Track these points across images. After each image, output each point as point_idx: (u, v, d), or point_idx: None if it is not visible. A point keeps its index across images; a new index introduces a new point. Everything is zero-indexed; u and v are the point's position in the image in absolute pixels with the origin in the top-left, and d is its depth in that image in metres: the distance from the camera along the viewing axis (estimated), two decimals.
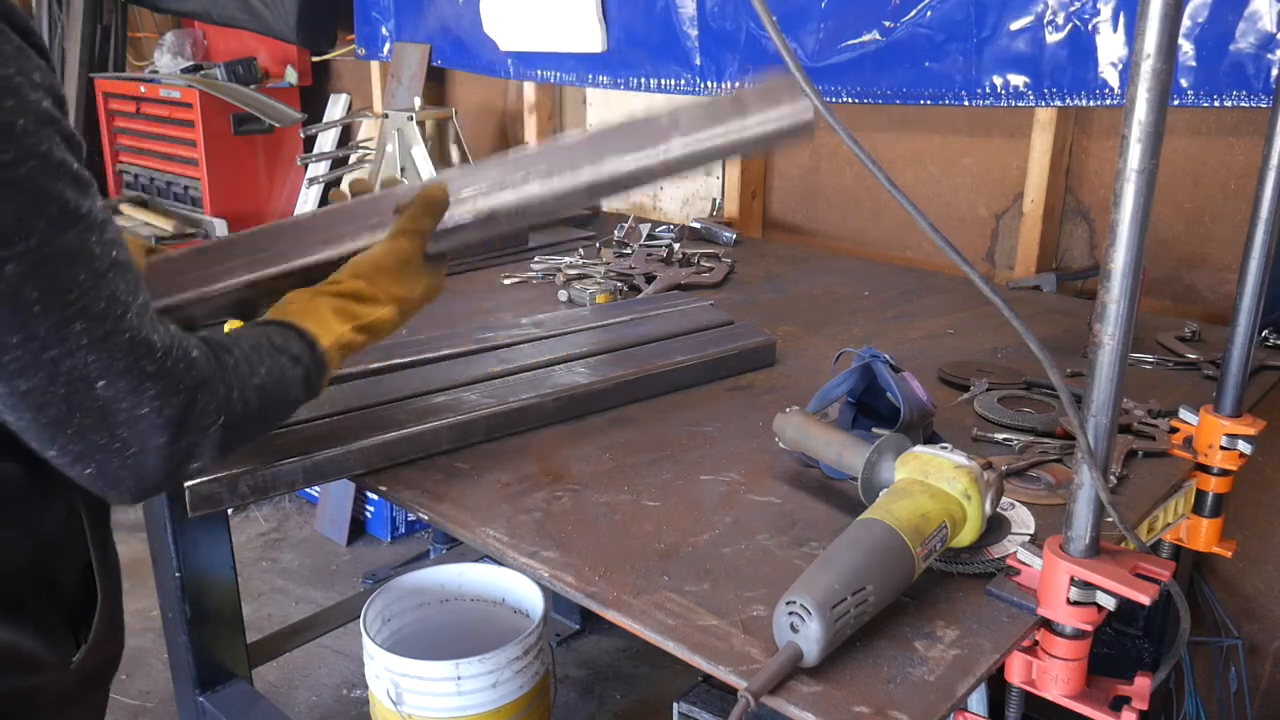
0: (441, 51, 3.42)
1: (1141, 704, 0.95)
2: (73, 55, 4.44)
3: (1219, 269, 2.13)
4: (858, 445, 1.14)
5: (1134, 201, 0.82)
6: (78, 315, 0.75)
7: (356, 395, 1.39)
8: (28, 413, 0.76)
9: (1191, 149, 2.11)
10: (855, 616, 0.89)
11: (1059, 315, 1.99)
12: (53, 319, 0.73)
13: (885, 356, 1.29)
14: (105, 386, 0.77)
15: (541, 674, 1.98)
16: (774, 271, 2.31)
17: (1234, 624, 2.16)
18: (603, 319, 1.76)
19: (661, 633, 0.96)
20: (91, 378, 0.76)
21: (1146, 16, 0.77)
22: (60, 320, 0.74)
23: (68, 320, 0.74)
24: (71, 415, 0.77)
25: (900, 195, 0.85)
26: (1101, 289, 0.86)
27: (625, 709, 2.57)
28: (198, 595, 1.81)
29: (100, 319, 0.76)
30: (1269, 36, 1.82)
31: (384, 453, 1.28)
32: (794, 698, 0.86)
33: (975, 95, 2.21)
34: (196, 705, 1.92)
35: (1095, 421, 0.89)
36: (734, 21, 2.58)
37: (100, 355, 0.76)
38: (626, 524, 1.16)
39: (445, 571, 2.17)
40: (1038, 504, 1.19)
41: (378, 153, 3.08)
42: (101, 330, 0.76)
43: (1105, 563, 0.93)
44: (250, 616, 2.47)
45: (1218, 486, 1.38)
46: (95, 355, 0.76)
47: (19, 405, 0.76)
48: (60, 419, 0.77)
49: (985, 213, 2.47)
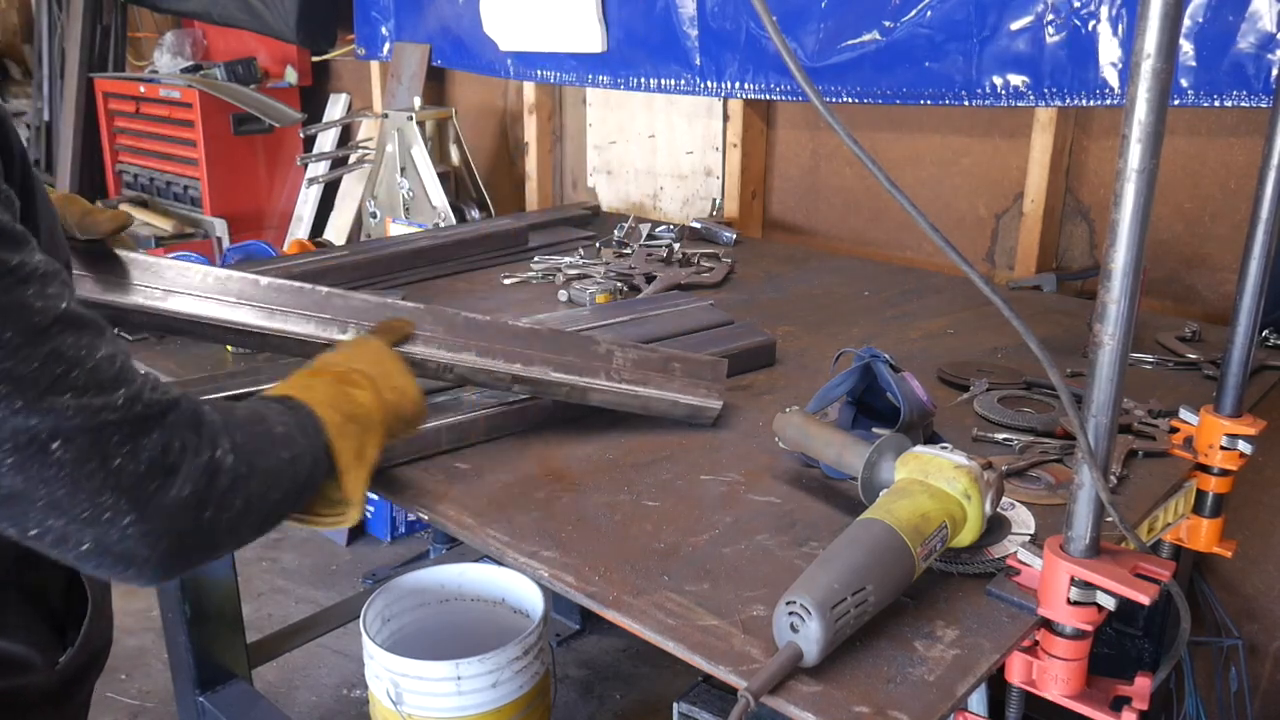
0: (441, 51, 3.43)
1: (1141, 704, 0.95)
2: (72, 55, 4.45)
3: (1219, 269, 2.13)
4: (858, 445, 1.14)
5: (1134, 201, 0.82)
6: (4, 377, 0.68)
7: None
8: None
9: (1191, 149, 2.11)
10: (855, 616, 0.89)
11: (1059, 315, 1.99)
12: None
13: (885, 356, 1.29)
14: (62, 448, 0.70)
15: (541, 674, 1.98)
16: (774, 271, 2.31)
17: (1234, 624, 2.16)
18: (603, 319, 1.75)
19: (661, 633, 0.96)
20: (41, 439, 0.69)
21: (1146, 16, 0.77)
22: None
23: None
24: (31, 486, 0.70)
25: (900, 195, 0.85)
26: (1101, 289, 0.86)
27: (625, 709, 2.57)
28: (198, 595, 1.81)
29: (32, 381, 0.69)
30: (1269, 36, 1.82)
31: (384, 453, 1.28)
32: (794, 698, 0.86)
33: (975, 95, 2.21)
34: (196, 705, 1.92)
35: (1095, 421, 0.88)
36: (734, 21, 2.58)
37: (42, 416, 0.69)
38: (626, 524, 1.16)
39: (445, 571, 2.17)
40: (1038, 504, 1.19)
41: (378, 153, 3.08)
42: (35, 391, 0.69)
43: (1105, 563, 0.93)
44: (250, 616, 2.47)
45: (1218, 486, 1.38)
46: (37, 417, 0.69)
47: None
48: (18, 492, 0.70)
49: (985, 213, 2.47)
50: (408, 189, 3.01)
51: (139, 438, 0.74)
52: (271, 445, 0.90)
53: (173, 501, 0.76)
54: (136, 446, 0.74)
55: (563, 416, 1.43)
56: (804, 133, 2.78)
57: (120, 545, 0.75)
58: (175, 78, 4.08)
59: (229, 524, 0.83)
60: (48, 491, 0.71)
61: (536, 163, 3.38)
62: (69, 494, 0.71)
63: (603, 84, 2.94)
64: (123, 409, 0.74)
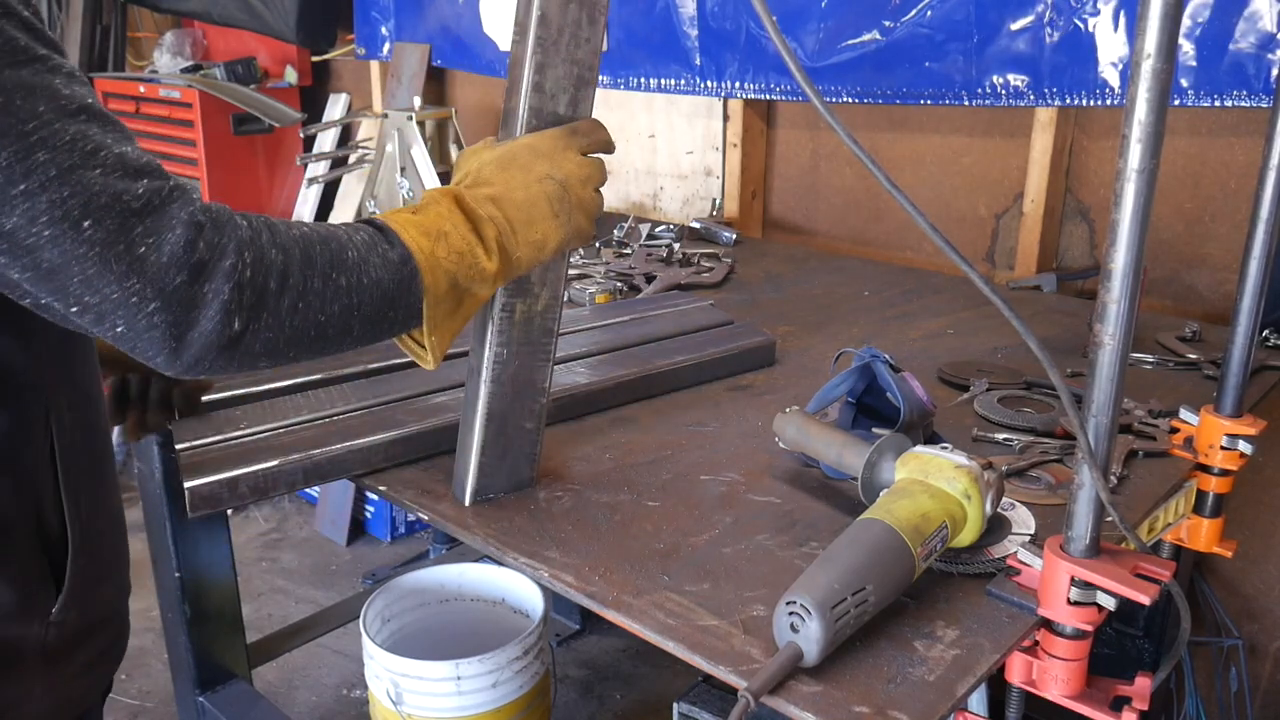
0: (441, 51, 3.42)
1: (1142, 704, 0.95)
2: (72, 55, 4.44)
3: (1219, 269, 2.13)
4: (858, 445, 1.14)
5: (1134, 201, 0.82)
6: (39, 145, 0.72)
7: (356, 395, 1.39)
8: (24, 257, 0.73)
9: (1191, 149, 2.11)
10: (855, 616, 0.89)
11: (1059, 315, 1.99)
12: (11, 147, 0.71)
13: (885, 356, 1.29)
14: (92, 227, 0.74)
15: (541, 674, 1.98)
16: (774, 271, 2.31)
17: (1234, 624, 2.16)
18: (603, 319, 1.75)
19: (661, 633, 0.96)
20: (75, 216, 0.73)
21: (1146, 16, 0.77)
22: (21, 149, 0.71)
23: (29, 150, 0.71)
24: (68, 261, 0.74)
25: (900, 195, 0.85)
26: (1102, 289, 0.85)
27: (625, 709, 2.57)
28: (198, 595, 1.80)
29: (66, 150, 0.73)
30: (1269, 36, 1.82)
31: (384, 453, 1.28)
32: (794, 698, 0.86)
33: (975, 95, 2.21)
34: (196, 705, 1.92)
35: (1096, 421, 0.88)
36: (734, 21, 2.58)
37: (74, 189, 0.73)
38: (626, 524, 1.16)
39: (445, 571, 2.17)
40: (1038, 504, 1.19)
41: (377, 152, 3.08)
42: (69, 161, 0.73)
43: (1105, 563, 0.93)
44: (250, 616, 2.47)
45: (1218, 486, 1.38)
46: (69, 189, 0.73)
47: (14, 251, 0.73)
48: (58, 265, 0.74)
49: (985, 213, 2.47)
50: (408, 189, 3.01)
51: (162, 231, 0.77)
52: (331, 268, 0.88)
53: (196, 296, 0.79)
54: (160, 239, 0.77)
55: (563, 417, 1.43)
56: (804, 133, 2.78)
57: (148, 333, 0.78)
58: (175, 78, 4.08)
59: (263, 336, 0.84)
60: (80, 269, 0.74)
61: None
62: (99, 273, 0.75)
63: (603, 84, 2.93)
64: (144, 198, 0.77)
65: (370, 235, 0.93)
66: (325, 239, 0.89)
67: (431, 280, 0.95)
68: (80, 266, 0.74)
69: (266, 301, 0.83)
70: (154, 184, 0.78)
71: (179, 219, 0.78)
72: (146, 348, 0.79)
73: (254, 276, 0.82)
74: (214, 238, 0.80)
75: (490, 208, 1.00)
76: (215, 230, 0.80)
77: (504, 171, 1.03)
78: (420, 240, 0.95)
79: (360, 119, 3.72)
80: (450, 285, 0.97)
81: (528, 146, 1.04)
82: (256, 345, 0.84)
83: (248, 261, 0.81)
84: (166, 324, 0.78)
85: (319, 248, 0.88)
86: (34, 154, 0.72)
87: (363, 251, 0.91)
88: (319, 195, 4.05)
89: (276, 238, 0.85)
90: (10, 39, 0.73)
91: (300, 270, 0.86)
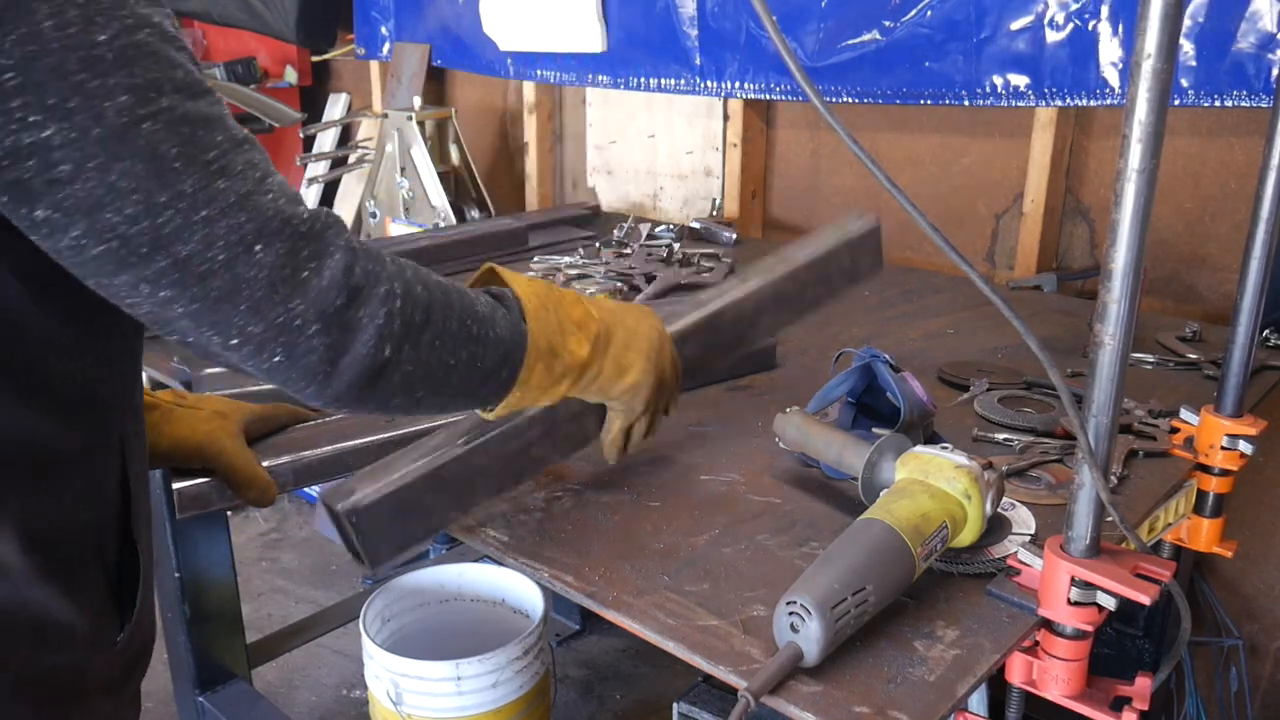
0: (441, 51, 3.42)
1: (1142, 704, 0.95)
2: None
3: (1219, 269, 2.13)
4: (858, 445, 1.14)
5: (1134, 201, 0.82)
6: (219, 173, 0.74)
7: None
8: (194, 286, 0.74)
9: (1191, 149, 2.11)
10: (855, 616, 0.89)
11: (1059, 315, 1.98)
12: (195, 175, 0.73)
13: (885, 356, 1.29)
14: (263, 250, 0.75)
15: (541, 674, 1.98)
16: None
17: (1234, 624, 2.16)
18: None
19: (661, 633, 0.96)
20: (248, 240, 0.75)
21: (1146, 16, 0.77)
22: (203, 177, 0.73)
23: (211, 178, 0.74)
24: (238, 287, 0.75)
25: (900, 195, 0.85)
26: (1102, 289, 0.85)
27: (625, 709, 2.57)
28: (197, 595, 1.81)
29: (241, 177, 0.75)
30: (1269, 36, 1.82)
31: (375, 454, 1.28)
32: (794, 698, 0.86)
33: (975, 95, 2.21)
34: (196, 705, 1.92)
35: (1096, 421, 0.88)
36: (734, 21, 2.58)
37: (251, 214, 0.75)
38: (626, 524, 1.16)
39: (445, 571, 2.17)
40: (1038, 504, 1.19)
41: (377, 152, 3.08)
42: (245, 188, 0.75)
43: (1106, 563, 0.93)
44: (250, 616, 2.47)
45: (1218, 487, 1.38)
46: (245, 214, 0.75)
47: (185, 280, 0.74)
48: (227, 292, 0.75)
49: (985, 213, 2.47)
50: (408, 189, 3.01)
51: (324, 255, 0.79)
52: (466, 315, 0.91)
53: (353, 321, 0.81)
54: (321, 263, 0.79)
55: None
56: (804, 133, 2.78)
57: (305, 358, 0.79)
58: None
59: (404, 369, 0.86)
60: (249, 294, 0.75)
61: (536, 163, 3.38)
62: (265, 296, 0.76)
63: (603, 84, 2.94)
64: (309, 222, 0.79)
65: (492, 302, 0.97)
66: (460, 289, 0.93)
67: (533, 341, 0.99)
68: (249, 291, 0.75)
69: (411, 334, 0.85)
70: (314, 210, 0.80)
71: (338, 245, 0.80)
72: (300, 376, 0.81)
73: (404, 307, 0.84)
74: (369, 265, 0.82)
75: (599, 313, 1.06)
76: (369, 259, 0.82)
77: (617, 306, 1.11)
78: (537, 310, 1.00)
79: (360, 119, 3.72)
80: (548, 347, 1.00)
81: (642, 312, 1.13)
82: (396, 377, 0.86)
83: (398, 292, 0.84)
84: (325, 347, 0.79)
85: (455, 295, 0.91)
86: (215, 182, 0.74)
87: (489, 310, 0.95)
88: (319, 195, 4.05)
89: (420, 274, 0.88)
90: (189, 73, 0.75)
91: (441, 310, 0.88)
